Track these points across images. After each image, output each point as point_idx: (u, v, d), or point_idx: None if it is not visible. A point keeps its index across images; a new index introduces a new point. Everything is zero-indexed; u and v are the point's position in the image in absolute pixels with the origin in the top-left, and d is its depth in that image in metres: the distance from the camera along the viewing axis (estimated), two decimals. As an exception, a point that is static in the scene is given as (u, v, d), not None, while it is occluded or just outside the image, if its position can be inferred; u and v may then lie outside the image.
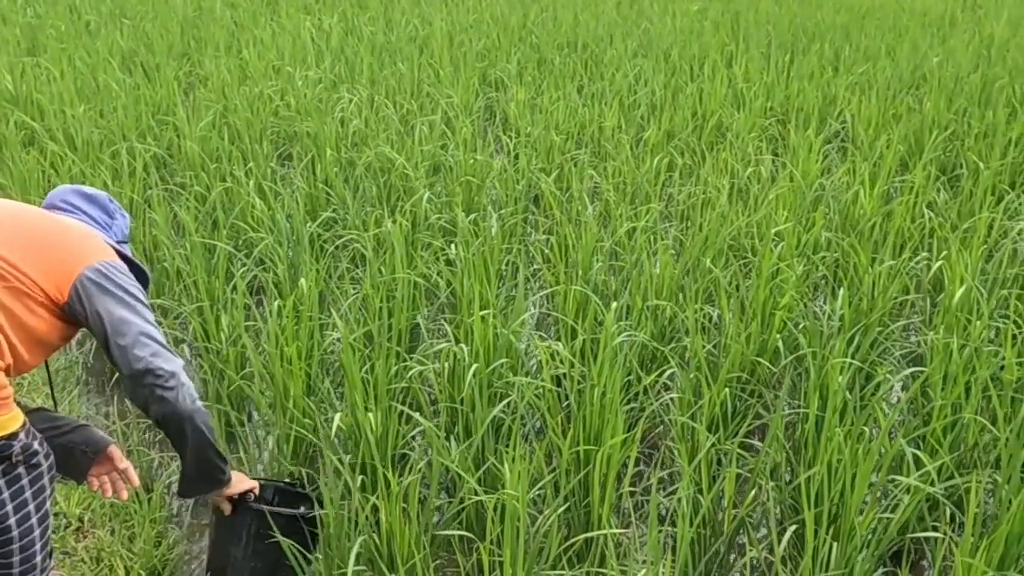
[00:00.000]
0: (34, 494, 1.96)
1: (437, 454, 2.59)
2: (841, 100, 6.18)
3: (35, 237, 2.00)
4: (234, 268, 3.86)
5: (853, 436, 2.55)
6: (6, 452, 1.88)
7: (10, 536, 1.93)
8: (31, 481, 1.94)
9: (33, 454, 1.94)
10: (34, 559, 1.99)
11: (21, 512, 1.93)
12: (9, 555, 1.95)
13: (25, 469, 1.93)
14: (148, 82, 6.23)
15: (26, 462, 1.93)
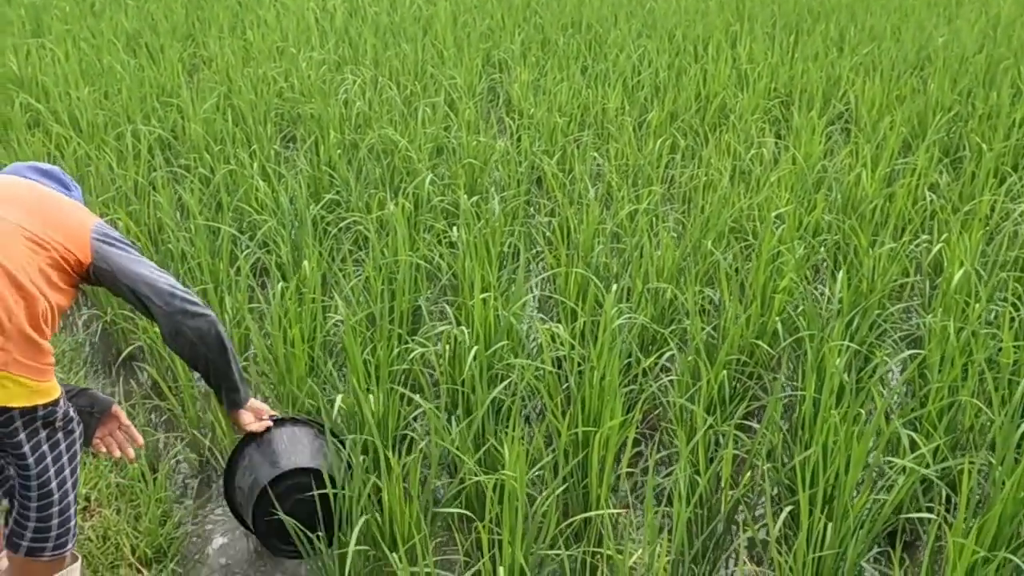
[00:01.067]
0: (69, 459, 2.07)
1: (437, 435, 2.63)
2: (845, 81, 6.16)
3: (45, 205, 2.08)
4: (238, 250, 3.89)
5: (849, 418, 2.58)
6: (51, 417, 1.99)
7: (51, 499, 2.02)
8: (67, 446, 2.05)
9: (70, 420, 2.06)
10: (69, 522, 2.09)
11: (60, 476, 2.03)
12: (48, 518, 2.04)
13: (63, 434, 2.04)
14: (152, 64, 6.24)
15: (64, 427, 2.04)
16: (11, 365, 1.86)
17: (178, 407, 3.12)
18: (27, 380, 1.89)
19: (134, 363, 3.61)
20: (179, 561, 2.64)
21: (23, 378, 1.88)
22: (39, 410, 1.96)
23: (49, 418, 1.99)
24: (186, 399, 3.10)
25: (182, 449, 3.12)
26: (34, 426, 1.97)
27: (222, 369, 2.28)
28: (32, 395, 1.91)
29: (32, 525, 2.05)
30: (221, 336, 2.22)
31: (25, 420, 1.94)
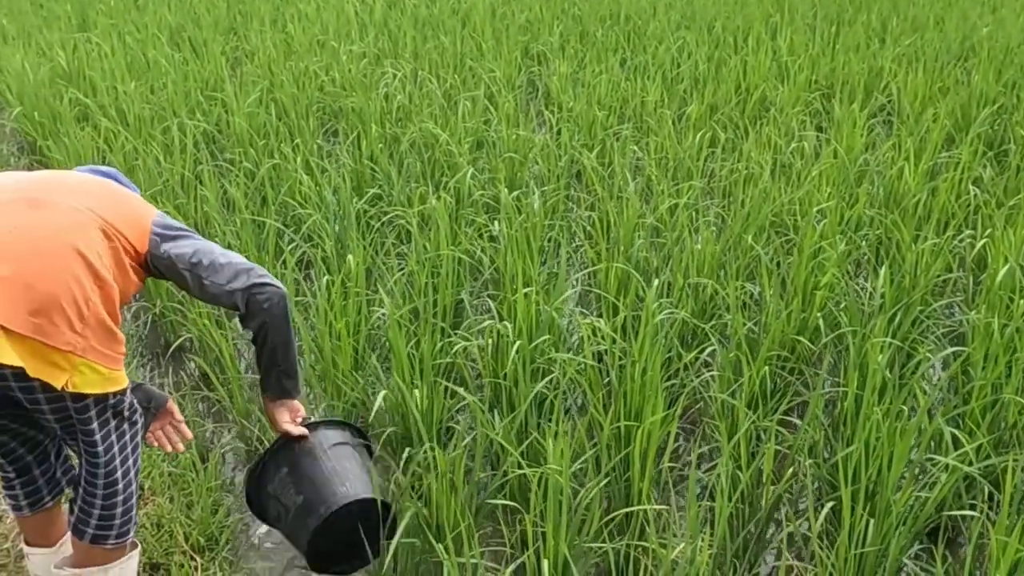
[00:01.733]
0: (133, 449, 2.12)
1: (482, 427, 2.67)
2: (887, 73, 6.11)
3: (113, 197, 2.13)
4: (283, 243, 3.95)
5: (891, 415, 2.59)
6: (120, 406, 2.04)
7: (117, 488, 2.08)
8: (131, 436, 2.10)
9: (135, 410, 2.11)
10: (132, 511, 2.14)
11: (125, 465, 2.09)
12: (113, 506, 2.09)
13: (128, 424, 2.09)
14: (196, 58, 6.33)
15: (130, 417, 2.09)
16: (89, 352, 1.89)
17: (226, 398, 3.19)
18: (102, 368, 1.93)
19: (183, 354, 3.68)
20: (230, 549, 2.71)
21: (98, 365, 1.92)
22: (110, 398, 2.00)
23: (119, 407, 2.04)
24: (234, 390, 3.16)
25: (231, 440, 3.19)
26: (106, 415, 2.02)
27: (283, 347, 2.24)
28: (105, 382, 1.95)
29: (97, 513, 2.10)
30: (287, 311, 2.21)
31: (99, 408, 1.99)
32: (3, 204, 1.95)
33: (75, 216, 1.97)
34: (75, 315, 1.86)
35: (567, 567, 2.31)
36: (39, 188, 2.05)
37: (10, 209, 1.94)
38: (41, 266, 1.86)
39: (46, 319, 1.83)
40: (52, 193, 2.02)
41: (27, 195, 1.99)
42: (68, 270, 1.88)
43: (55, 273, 1.86)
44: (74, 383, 1.89)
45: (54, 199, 2.00)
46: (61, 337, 1.84)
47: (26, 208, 1.94)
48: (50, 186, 2.07)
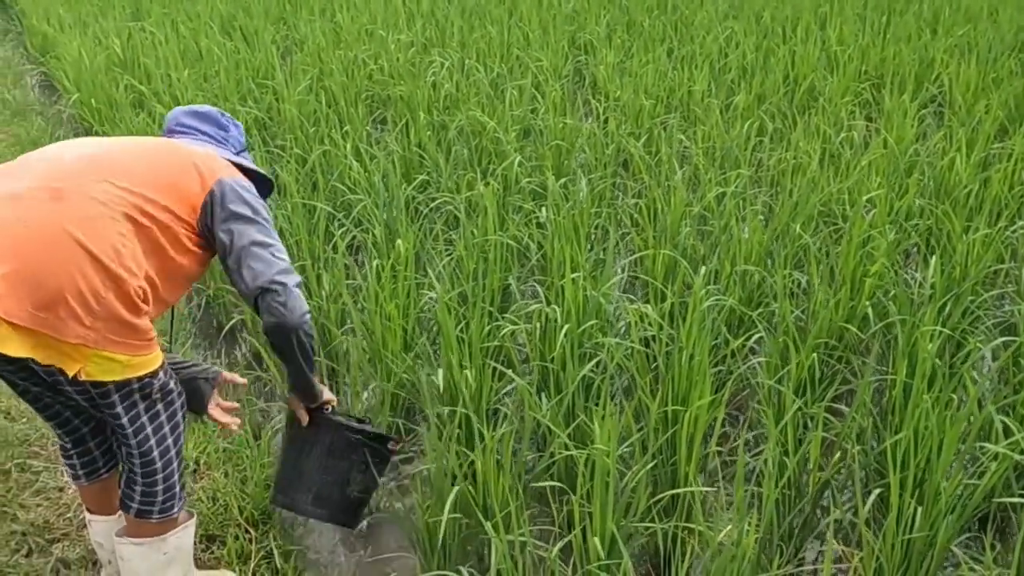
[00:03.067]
0: (171, 428, 2.14)
1: (530, 409, 2.71)
2: (939, 63, 6.04)
3: (161, 166, 2.09)
4: (333, 228, 4.01)
5: (941, 403, 2.58)
6: (147, 389, 2.04)
7: (154, 467, 2.12)
8: (168, 416, 2.12)
9: (169, 392, 2.11)
10: (174, 488, 2.18)
11: (162, 445, 2.12)
12: (153, 484, 2.14)
13: (163, 405, 2.10)
14: (247, 46, 6.42)
15: (163, 399, 2.09)
16: (102, 343, 1.90)
17: (278, 377, 3.25)
18: (120, 356, 1.94)
19: (236, 335, 3.76)
20: (282, 523, 2.77)
21: (116, 354, 1.93)
22: (134, 383, 2.00)
23: (146, 389, 2.04)
24: (286, 370, 3.22)
25: (282, 418, 3.25)
26: (132, 399, 2.03)
27: (288, 357, 2.22)
28: (125, 370, 1.96)
29: (139, 490, 2.14)
30: (299, 332, 2.13)
31: (122, 393, 2.01)
32: (24, 193, 1.90)
33: (91, 209, 1.92)
34: (83, 310, 1.85)
35: (614, 545, 2.33)
36: (72, 173, 1.99)
37: (27, 201, 1.89)
38: (46, 261, 1.84)
39: (52, 314, 1.83)
40: (84, 178, 1.97)
41: (54, 183, 1.93)
42: (74, 265, 1.85)
43: (60, 268, 1.84)
44: (88, 372, 1.91)
45: (81, 187, 1.94)
46: (69, 331, 1.85)
47: (45, 199, 1.90)
48: (88, 168, 2.01)
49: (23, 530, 2.64)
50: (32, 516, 2.70)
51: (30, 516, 2.69)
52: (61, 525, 2.67)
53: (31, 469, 2.86)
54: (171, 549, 2.23)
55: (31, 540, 2.62)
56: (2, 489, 2.78)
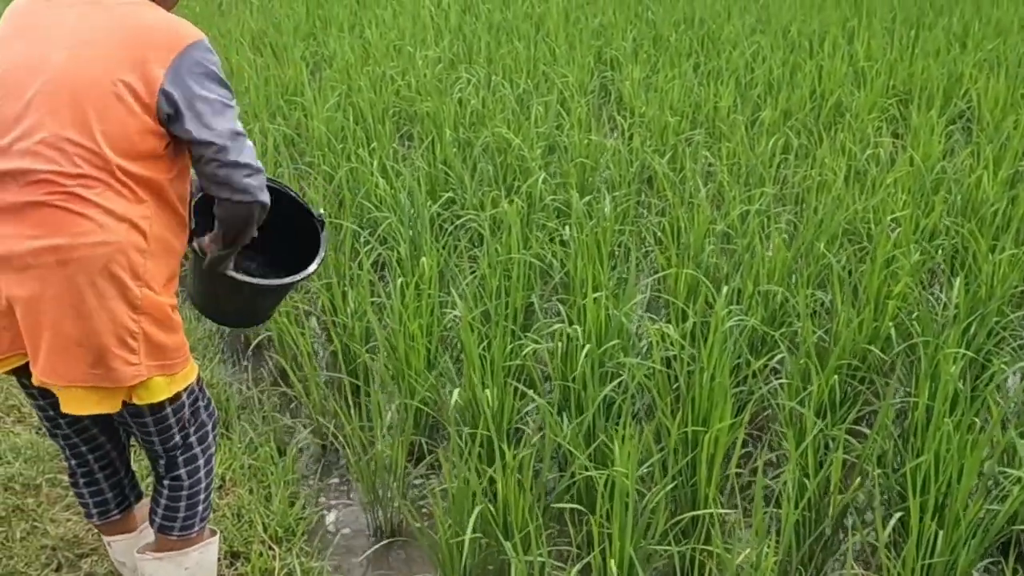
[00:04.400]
0: (202, 449, 2.18)
1: (551, 430, 2.73)
2: (967, 78, 6.00)
3: (115, 43, 1.88)
4: (359, 245, 4.06)
5: (963, 427, 2.57)
6: (180, 411, 2.08)
7: (180, 483, 2.17)
8: (199, 438, 2.17)
9: (201, 409, 2.16)
10: (197, 507, 2.21)
11: (191, 465, 2.17)
12: (177, 499, 2.18)
13: (194, 427, 2.14)
14: (277, 62, 6.51)
15: (194, 418, 2.14)
16: (152, 370, 1.93)
17: (303, 394, 3.29)
18: (165, 376, 1.97)
19: (262, 351, 3.81)
20: (306, 540, 2.81)
21: (163, 376, 1.97)
22: (167, 405, 2.04)
23: (179, 412, 2.08)
24: (311, 387, 3.27)
25: (307, 435, 3.30)
26: (163, 413, 2.06)
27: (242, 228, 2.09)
28: (171, 386, 2.00)
29: (163, 503, 2.19)
30: (255, 210, 2.02)
31: (156, 416, 2.05)
32: (31, 261, 1.80)
33: (91, 235, 1.82)
34: (127, 352, 1.88)
35: (633, 568, 2.35)
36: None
37: (36, 270, 1.81)
38: (81, 321, 1.83)
39: (104, 368, 1.87)
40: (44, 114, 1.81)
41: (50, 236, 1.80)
42: (105, 311, 1.85)
43: (94, 324, 1.84)
44: (139, 396, 1.96)
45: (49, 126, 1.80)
46: (125, 376, 1.89)
47: (52, 265, 1.80)
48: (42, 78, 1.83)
49: (53, 544, 2.70)
50: (62, 531, 2.75)
51: (60, 531, 2.75)
52: (90, 540, 2.72)
53: (61, 484, 2.92)
54: (192, 564, 2.27)
55: (60, 555, 2.67)
56: (33, 504, 2.84)
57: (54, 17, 1.90)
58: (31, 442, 3.09)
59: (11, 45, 1.89)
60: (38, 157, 1.80)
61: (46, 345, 1.84)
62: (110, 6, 1.91)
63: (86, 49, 1.85)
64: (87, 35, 1.87)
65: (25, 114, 1.82)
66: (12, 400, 3.32)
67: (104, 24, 1.88)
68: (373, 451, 2.90)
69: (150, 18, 1.92)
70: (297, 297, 3.84)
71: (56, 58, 1.83)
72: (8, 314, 1.85)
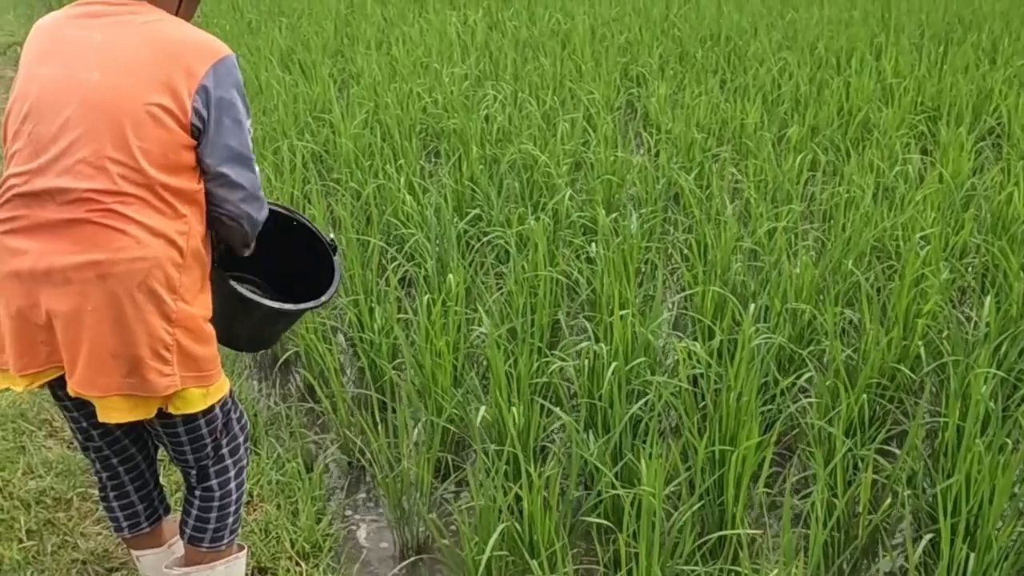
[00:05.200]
0: (234, 462, 2.21)
1: (577, 447, 2.72)
2: (997, 95, 5.96)
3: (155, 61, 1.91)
4: (386, 262, 4.08)
5: (994, 447, 2.54)
6: (213, 422, 2.12)
7: (212, 494, 2.19)
8: (231, 451, 2.20)
9: (234, 422, 2.19)
10: (227, 519, 2.23)
11: (223, 476, 2.19)
12: (208, 510, 2.20)
13: (226, 438, 2.18)
14: (305, 79, 6.57)
15: (226, 431, 2.17)
16: (186, 382, 1.96)
17: (330, 410, 3.31)
18: (200, 389, 2.00)
19: (290, 367, 3.84)
20: (333, 557, 2.82)
21: (194, 389, 1.99)
22: (199, 417, 2.07)
23: (212, 422, 2.11)
24: (338, 403, 3.28)
25: (334, 451, 3.31)
26: (198, 428, 2.09)
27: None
28: (206, 398, 2.03)
29: (195, 514, 2.21)
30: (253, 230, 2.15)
31: (188, 427, 2.08)
32: (73, 275, 1.84)
33: (130, 251, 1.86)
34: (160, 363, 1.91)
35: (659, 588, 2.34)
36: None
37: (77, 285, 1.84)
38: (119, 333, 1.87)
39: (138, 377, 1.90)
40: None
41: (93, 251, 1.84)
42: (141, 323, 1.88)
43: (131, 336, 1.87)
44: (176, 406, 1.98)
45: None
46: (159, 386, 1.92)
47: (92, 279, 1.84)
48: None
49: (83, 559, 2.72)
50: (92, 545, 2.78)
51: (90, 545, 2.78)
52: (119, 555, 2.74)
53: (91, 498, 2.95)
54: (220, 578, 2.29)
55: (91, 568, 2.70)
56: (64, 518, 2.87)
57: (84, 37, 1.93)
58: (62, 456, 3.12)
59: (43, 66, 1.93)
60: (79, 176, 1.84)
61: (84, 357, 1.87)
62: (138, 23, 1.94)
63: (119, 68, 1.88)
64: (119, 54, 1.90)
65: (62, 134, 1.85)
66: (44, 414, 3.36)
67: (134, 42, 1.91)
68: (400, 468, 2.91)
69: (179, 34, 1.95)
70: (324, 313, 3.87)
71: (90, 78, 1.86)
72: (47, 328, 1.88)
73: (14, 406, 3.39)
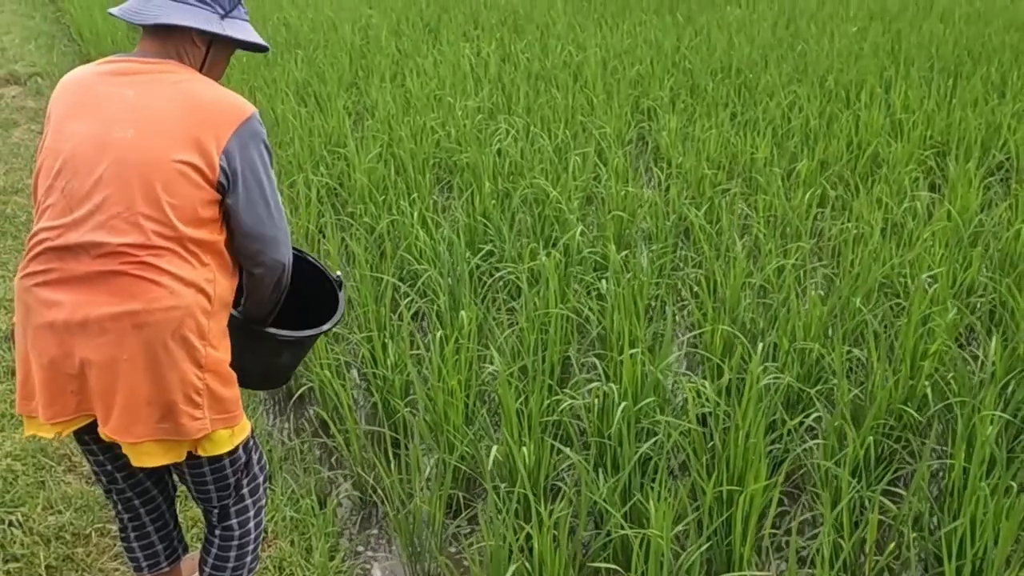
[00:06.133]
0: (253, 501, 2.26)
1: (587, 488, 2.76)
2: (1006, 129, 6.00)
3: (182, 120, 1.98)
4: (399, 297, 4.14)
5: (1000, 490, 2.57)
6: (237, 463, 2.18)
7: (232, 533, 2.25)
8: (251, 490, 2.25)
9: (251, 463, 2.24)
10: (245, 558, 2.29)
11: (243, 516, 2.25)
12: (228, 549, 2.26)
13: (247, 479, 2.23)
14: (320, 112, 6.66)
15: (247, 472, 2.23)
16: (215, 424, 2.03)
17: (344, 446, 3.36)
18: (227, 430, 2.08)
19: (304, 402, 3.89)
20: (345, 594, 2.86)
21: (222, 430, 2.06)
22: (224, 458, 2.14)
23: (236, 463, 2.18)
24: (352, 438, 3.33)
25: (348, 487, 3.36)
26: (222, 470, 2.16)
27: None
28: (232, 439, 2.10)
29: (215, 552, 2.27)
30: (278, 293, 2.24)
31: (213, 467, 2.14)
32: (109, 326, 1.90)
33: (171, 314, 1.93)
34: (192, 407, 1.98)
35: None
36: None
37: (113, 335, 1.91)
38: (153, 381, 1.93)
39: (172, 422, 1.97)
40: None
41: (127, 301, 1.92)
42: (175, 370, 1.95)
43: (165, 383, 1.94)
44: (205, 448, 2.05)
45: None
46: (192, 430, 1.99)
47: (129, 330, 1.91)
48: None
49: (101, 594, 2.78)
50: (110, 580, 2.83)
51: (108, 580, 2.83)
52: (137, 590, 2.79)
53: (110, 534, 3.00)
54: (233, 617, 2.34)
55: (108, 604, 2.75)
56: (83, 553, 2.92)
57: (115, 94, 2.00)
58: (81, 492, 3.18)
59: (77, 122, 1.99)
60: (114, 231, 1.91)
61: (119, 405, 1.94)
62: (167, 82, 2.02)
63: (150, 126, 1.95)
64: (149, 112, 1.97)
65: (96, 190, 1.92)
66: (64, 449, 3.42)
67: (165, 101, 1.99)
68: (411, 504, 2.95)
69: (209, 94, 2.03)
70: (338, 349, 3.93)
71: (122, 135, 1.93)
72: (79, 377, 1.95)
73: (34, 441, 3.45)
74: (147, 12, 2.04)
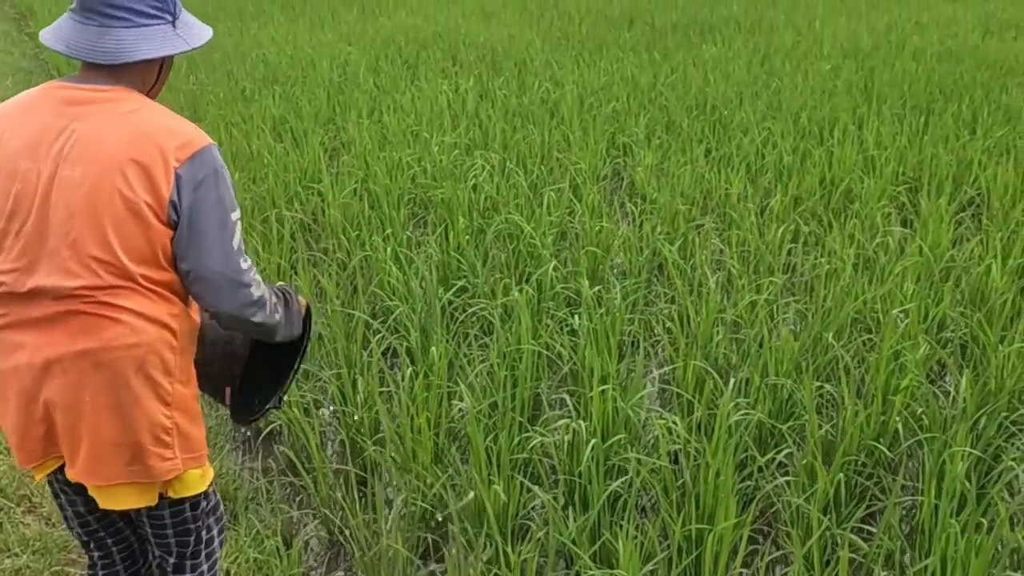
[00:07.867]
0: (206, 543, 2.24)
1: (554, 527, 2.72)
2: (976, 165, 6.05)
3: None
4: (369, 334, 4.10)
5: (970, 528, 2.55)
6: (197, 507, 2.16)
7: None
8: (207, 538, 2.23)
9: (214, 507, 2.24)
10: None
11: (197, 559, 2.22)
12: None
13: (213, 521, 2.23)
14: (296, 148, 6.65)
15: (210, 514, 2.21)
16: (186, 464, 2.00)
17: (311, 486, 3.31)
18: (198, 469, 2.06)
19: (272, 441, 3.84)
20: (309, 637, 2.80)
21: (193, 470, 2.04)
22: (184, 502, 2.11)
23: (196, 508, 2.15)
24: (319, 478, 3.29)
25: (315, 527, 3.30)
26: (182, 516, 2.13)
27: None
28: (203, 479, 2.08)
29: None
30: (276, 333, 2.18)
31: (173, 510, 2.11)
32: (69, 367, 1.88)
33: (126, 337, 1.90)
34: (161, 447, 1.96)
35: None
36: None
37: (74, 376, 1.88)
38: (118, 421, 1.91)
39: (141, 464, 1.95)
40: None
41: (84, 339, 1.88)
42: (139, 409, 1.92)
43: (131, 423, 1.92)
44: (176, 490, 2.03)
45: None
46: (163, 471, 1.97)
47: (89, 370, 1.89)
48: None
49: (57, 639, 2.70)
50: (67, 625, 2.76)
51: (65, 625, 2.76)
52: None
53: (68, 576, 2.94)
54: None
55: (64, 650, 2.67)
56: (39, 597, 2.86)
57: (64, 129, 1.91)
58: (40, 533, 3.11)
59: (27, 160, 1.90)
60: (68, 274, 1.87)
61: (85, 448, 1.91)
62: (120, 113, 1.93)
63: (98, 165, 1.88)
64: (99, 148, 1.89)
65: (48, 232, 1.88)
66: (23, 489, 3.35)
67: (116, 134, 1.90)
68: (378, 545, 2.90)
69: (159, 124, 1.94)
70: (307, 386, 3.88)
71: (72, 175, 1.88)
72: (44, 421, 1.92)
73: (-6, 481, 3.39)
74: (107, 50, 1.94)
